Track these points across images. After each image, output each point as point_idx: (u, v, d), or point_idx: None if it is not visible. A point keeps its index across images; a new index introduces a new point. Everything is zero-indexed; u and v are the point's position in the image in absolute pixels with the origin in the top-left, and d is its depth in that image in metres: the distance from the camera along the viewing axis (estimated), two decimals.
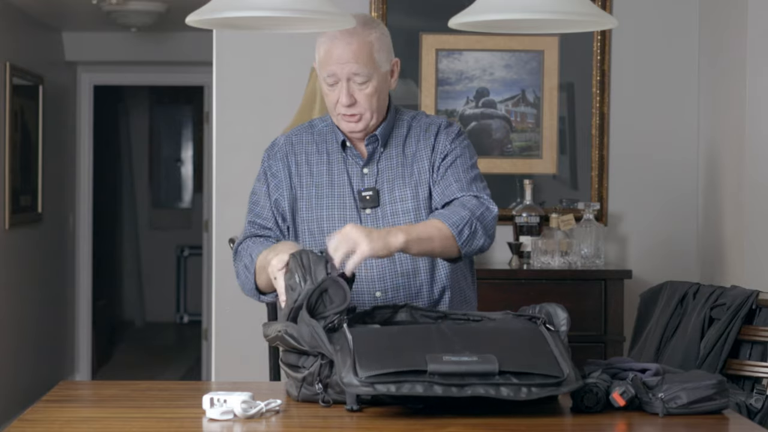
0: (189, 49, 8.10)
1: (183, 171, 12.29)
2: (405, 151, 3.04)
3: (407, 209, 2.99)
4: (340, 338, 2.50)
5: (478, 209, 2.93)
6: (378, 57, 2.95)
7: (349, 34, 2.92)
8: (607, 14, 2.71)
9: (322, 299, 2.59)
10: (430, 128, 3.06)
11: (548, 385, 2.44)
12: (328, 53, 2.95)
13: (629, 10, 4.98)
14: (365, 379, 2.40)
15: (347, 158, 3.04)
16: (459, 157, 3.04)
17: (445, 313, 2.74)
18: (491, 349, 2.47)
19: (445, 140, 3.04)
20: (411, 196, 3.00)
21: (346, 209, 2.99)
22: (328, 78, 2.96)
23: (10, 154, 6.90)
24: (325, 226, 2.99)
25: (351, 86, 2.94)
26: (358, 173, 3.02)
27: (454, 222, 2.87)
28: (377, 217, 2.98)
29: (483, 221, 2.92)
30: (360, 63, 2.92)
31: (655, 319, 3.97)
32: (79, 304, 8.79)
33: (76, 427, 2.46)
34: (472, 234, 2.89)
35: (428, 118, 3.11)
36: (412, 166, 3.02)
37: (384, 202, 3.00)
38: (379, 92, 2.97)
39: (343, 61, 2.92)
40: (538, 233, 4.75)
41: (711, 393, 2.52)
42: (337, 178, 3.02)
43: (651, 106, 5.03)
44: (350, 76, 2.93)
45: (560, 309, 2.66)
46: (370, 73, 2.94)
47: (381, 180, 3.01)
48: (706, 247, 4.92)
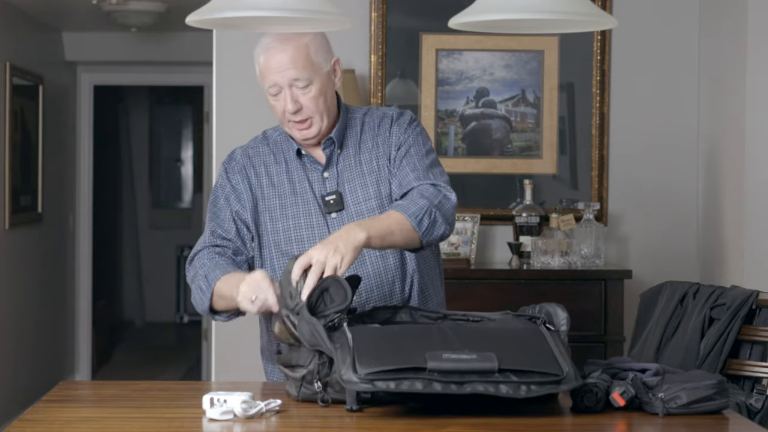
0: (189, 49, 8.10)
1: (183, 171, 12.29)
2: (361, 148, 3.01)
3: (372, 207, 2.97)
4: (340, 337, 2.51)
5: (436, 197, 2.89)
6: (316, 58, 2.91)
7: (283, 41, 2.89)
8: (607, 14, 2.71)
9: (323, 298, 2.59)
10: (383, 122, 3.03)
11: (548, 383, 2.44)
12: (265, 64, 2.92)
13: (629, 10, 4.98)
14: (365, 376, 2.40)
15: (305, 165, 3.01)
16: (412, 145, 3.00)
17: (445, 314, 2.74)
18: (491, 347, 2.47)
19: (398, 131, 3.01)
20: (374, 195, 2.98)
21: (312, 216, 2.97)
22: (270, 89, 2.93)
23: (10, 154, 6.90)
24: (292, 235, 2.96)
25: (294, 92, 2.91)
26: (318, 178, 2.99)
27: (413, 212, 2.84)
28: (343, 220, 2.95)
29: (442, 209, 2.88)
30: (298, 68, 2.89)
31: (655, 319, 3.97)
32: (79, 304, 8.79)
33: (76, 427, 2.46)
34: (431, 223, 2.85)
35: (380, 111, 3.07)
36: (371, 163, 3.00)
37: (348, 204, 2.97)
38: (324, 94, 2.94)
39: (282, 68, 2.89)
40: (538, 233, 4.75)
41: (711, 393, 2.52)
42: (298, 186, 2.99)
43: (651, 106, 5.03)
44: (291, 82, 2.90)
45: (560, 309, 2.66)
46: (311, 76, 2.90)
47: (342, 182, 2.99)
48: (706, 247, 4.92)
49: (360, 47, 4.97)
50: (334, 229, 2.93)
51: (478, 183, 5.02)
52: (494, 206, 5.01)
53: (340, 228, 2.84)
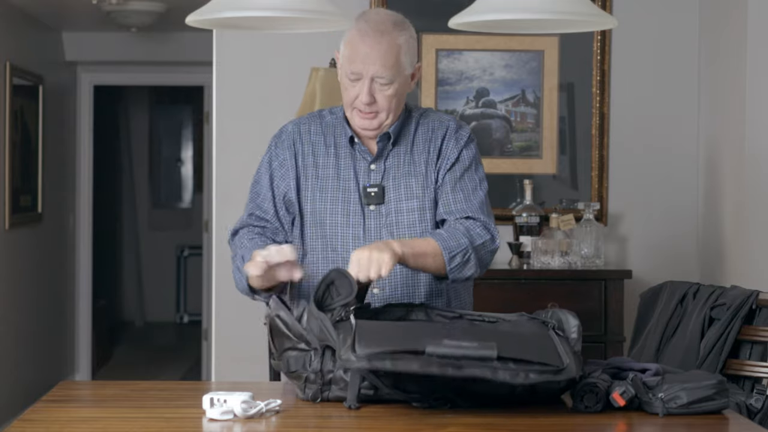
0: (189, 49, 8.10)
1: (183, 171, 12.29)
2: (413, 149, 3.01)
3: (411, 208, 2.97)
4: (345, 326, 2.52)
5: (479, 240, 2.90)
6: (404, 60, 2.91)
7: (380, 33, 2.87)
8: (607, 14, 2.71)
9: (329, 291, 2.60)
10: (438, 129, 3.02)
11: (546, 372, 2.44)
12: (354, 49, 2.89)
13: (629, 10, 4.98)
14: (363, 355, 2.41)
15: (355, 153, 3.01)
16: (467, 170, 3.00)
17: (461, 314, 2.74)
18: (492, 339, 2.47)
19: (453, 147, 3.00)
20: (416, 196, 2.98)
21: (350, 204, 2.97)
22: (351, 74, 2.91)
23: (10, 154, 6.90)
24: (327, 219, 2.97)
25: (373, 86, 2.90)
26: (365, 169, 3.00)
27: (450, 247, 2.85)
28: (381, 214, 2.96)
29: (479, 253, 2.90)
30: (386, 66, 2.88)
31: (655, 319, 3.97)
32: (79, 305, 8.79)
33: (76, 427, 2.46)
34: (463, 263, 2.87)
35: (437, 115, 3.07)
36: (420, 166, 3.00)
37: (389, 199, 2.97)
38: (399, 94, 2.94)
39: (370, 61, 2.87)
40: (538, 233, 4.75)
41: (711, 393, 2.52)
42: (343, 172, 2.99)
43: (651, 107, 5.03)
44: (374, 76, 2.89)
45: (572, 316, 2.66)
46: (394, 76, 2.90)
47: (387, 177, 2.99)
48: (706, 247, 4.92)
49: None
50: (370, 221, 2.95)
51: None
52: (494, 206, 4.95)
53: (375, 221, 2.91)
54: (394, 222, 2.96)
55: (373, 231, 2.95)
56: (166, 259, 11.91)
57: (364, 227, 2.96)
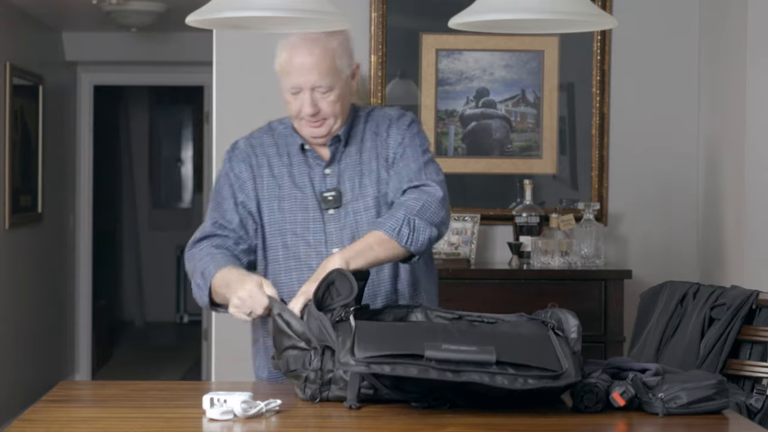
0: (189, 49, 8.10)
1: (183, 171, 12.29)
2: (363, 147, 3.02)
3: (368, 206, 2.97)
4: (344, 327, 2.53)
5: (417, 203, 2.88)
6: (340, 63, 2.92)
7: (312, 43, 2.89)
8: (607, 14, 2.71)
9: (329, 292, 2.61)
10: (382, 124, 3.03)
11: (545, 377, 2.44)
12: (289, 62, 2.91)
13: (629, 10, 4.98)
14: (362, 359, 2.41)
15: (308, 160, 3.01)
16: (408, 146, 3.00)
17: (461, 314, 2.74)
18: (491, 343, 2.47)
19: (396, 133, 3.01)
20: (372, 194, 2.98)
21: (308, 211, 2.98)
22: (291, 89, 2.92)
23: (10, 154, 6.90)
24: (287, 228, 2.97)
25: (314, 96, 2.91)
26: (320, 174, 3.00)
27: (390, 226, 2.84)
28: (340, 217, 2.97)
29: (424, 214, 2.87)
30: (323, 73, 2.89)
31: (655, 319, 3.97)
32: (79, 305, 8.79)
33: (76, 427, 2.46)
34: (412, 231, 2.84)
35: (382, 111, 3.08)
36: (370, 163, 3.00)
37: (346, 201, 2.97)
38: (342, 98, 2.95)
39: (306, 72, 2.88)
40: (538, 233, 4.75)
41: (711, 393, 2.52)
42: (298, 180, 3.00)
43: (651, 106, 5.03)
44: (313, 86, 2.90)
45: (572, 316, 2.65)
46: (333, 82, 2.90)
47: (342, 180, 2.99)
48: (706, 247, 4.92)
49: (360, 47, 4.96)
50: (330, 225, 2.96)
51: (478, 183, 5.02)
52: (494, 206, 5.01)
53: (335, 224, 2.93)
54: (354, 223, 2.96)
55: (334, 235, 2.96)
56: (166, 259, 11.91)
57: (325, 232, 2.96)
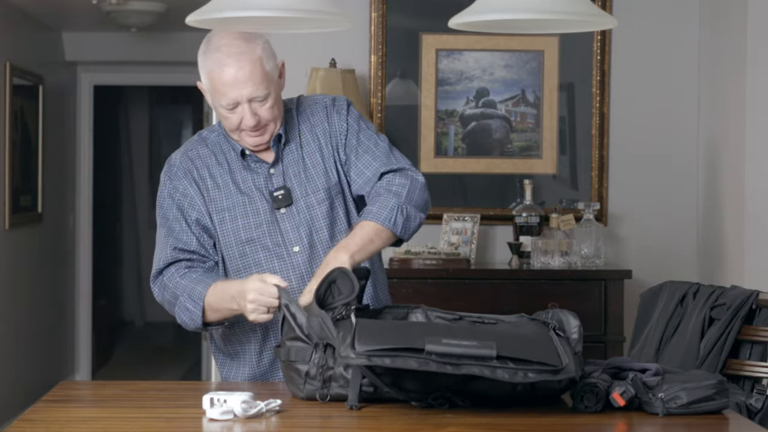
0: (189, 49, 8.07)
1: None
2: (302, 140, 2.99)
3: (321, 199, 2.95)
4: (345, 324, 2.53)
5: (404, 188, 2.91)
6: (269, 68, 2.88)
7: (237, 56, 2.84)
8: (607, 14, 2.71)
9: (331, 290, 2.61)
10: (317, 112, 3.01)
11: (545, 371, 2.44)
12: (220, 80, 2.85)
13: (629, 10, 4.98)
14: (362, 352, 2.42)
15: (249, 164, 2.97)
16: (360, 131, 3.00)
17: (461, 315, 2.74)
18: (492, 339, 2.47)
19: (338, 120, 3.00)
20: (322, 186, 2.96)
21: (259, 214, 2.93)
22: (227, 105, 2.87)
23: (10, 154, 6.90)
24: (242, 235, 2.93)
25: (253, 107, 2.87)
26: (265, 175, 2.97)
27: (385, 218, 2.86)
28: (293, 215, 2.94)
29: (412, 201, 2.91)
30: (257, 83, 2.85)
31: (655, 319, 3.97)
32: (79, 304, 8.79)
33: (76, 427, 2.46)
34: (406, 219, 2.89)
35: (310, 99, 3.06)
36: (314, 155, 2.98)
37: (296, 197, 2.95)
38: (278, 100, 2.93)
39: (241, 85, 2.84)
40: (538, 233, 4.75)
41: (711, 393, 2.52)
42: (243, 186, 2.96)
43: (651, 106, 5.03)
44: (250, 98, 2.86)
45: (572, 317, 2.65)
46: (268, 87, 2.87)
47: (289, 177, 2.96)
48: (706, 247, 4.92)
49: (360, 47, 4.97)
50: (285, 224, 2.93)
51: (478, 183, 5.02)
52: (494, 206, 5.01)
53: (290, 222, 2.91)
54: (309, 219, 2.94)
55: (291, 232, 2.93)
56: None
57: (281, 231, 2.93)
